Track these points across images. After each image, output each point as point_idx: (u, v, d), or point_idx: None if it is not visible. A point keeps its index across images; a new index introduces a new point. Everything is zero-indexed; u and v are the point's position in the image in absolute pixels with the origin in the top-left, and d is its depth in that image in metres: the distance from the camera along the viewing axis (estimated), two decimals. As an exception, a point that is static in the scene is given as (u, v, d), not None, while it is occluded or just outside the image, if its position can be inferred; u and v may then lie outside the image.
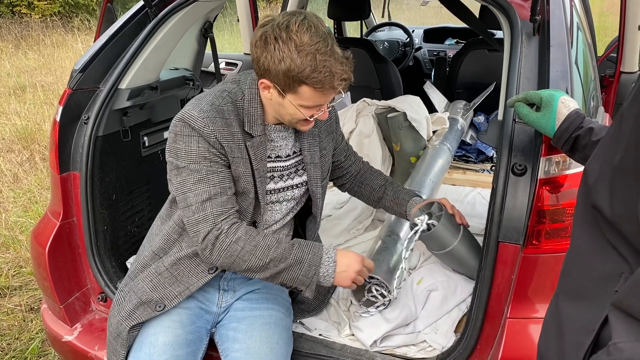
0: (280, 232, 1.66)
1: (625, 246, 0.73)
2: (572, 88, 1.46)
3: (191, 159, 1.38)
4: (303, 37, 1.27)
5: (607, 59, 3.26)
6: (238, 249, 1.38)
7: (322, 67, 1.28)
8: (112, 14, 2.91)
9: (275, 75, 1.31)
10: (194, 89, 2.47)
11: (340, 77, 1.32)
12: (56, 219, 1.89)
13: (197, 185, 1.38)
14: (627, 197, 0.70)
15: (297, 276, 1.40)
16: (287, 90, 1.34)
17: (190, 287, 1.50)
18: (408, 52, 4.44)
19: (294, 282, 1.41)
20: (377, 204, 1.83)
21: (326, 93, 1.35)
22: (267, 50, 1.29)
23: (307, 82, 1.30)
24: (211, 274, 1.50)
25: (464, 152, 3.13)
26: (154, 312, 1.47)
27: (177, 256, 1.50)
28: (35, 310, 2.80)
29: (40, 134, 5.42)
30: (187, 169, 1.39)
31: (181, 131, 1.39)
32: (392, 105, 2.64)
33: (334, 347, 1.63)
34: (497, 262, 1.42)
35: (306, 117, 1.40)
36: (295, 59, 1.27)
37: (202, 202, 1.38)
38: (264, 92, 1.40)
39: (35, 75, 7.99)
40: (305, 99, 1.35)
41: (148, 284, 1.50)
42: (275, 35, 1.28)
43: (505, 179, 1.41)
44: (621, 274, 0.71)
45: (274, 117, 1.48)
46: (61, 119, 1.88)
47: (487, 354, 1.44)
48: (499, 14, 1.68)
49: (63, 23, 11.52)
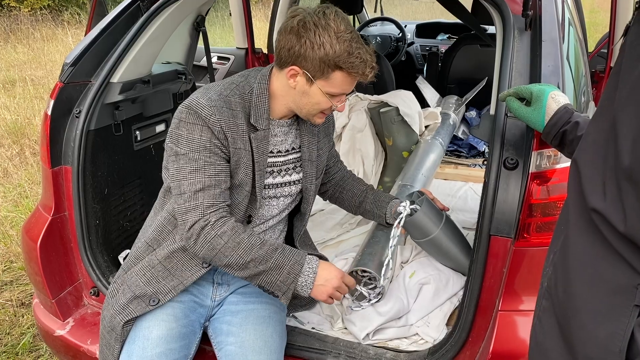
0: (276, 228, 1.66)
1: (639, 259, 0.68)
2: (564, 83, 1.47)
3: (192, 147, 1.39)
4: (340, 25, 1.36)
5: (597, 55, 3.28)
6: (221, 243, 1.38)
7: (357, 54, 1.36)
8: (103, 7, 2.88)
9: (311, 60, 1.36)
10: (186, 83, 2.46)
11: (370, 65, 1.41)
12: (48, 214, 1.88)
13: (193, 174, 1.39)
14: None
15: (275, 281, 1.40)
16: (318, 77, 1.39)
17: (184, 282, 1.50)
18: (400, 47, 4.44)
19: (271, 287, 1.41)
20: (357, 210, 1.85)
21: (354, 80, 1.43)
22: (306, 36, 1.35)
23: (343, 66, 1.37)
24: (205, 268, 1.50)
25: (456, 147, 3.15)
26: (148, 307, 1.47)
27: (171, 249, 1.50)
28: (27, 305, 2.79)
29: (30, 129, 5.37)
30: (185, 157, 1.40)
31: (186, 118, 1.40)
32: (384, 100, 2.65)
33: (326, 341, 1.64)
34: (489, 255, 1.43)
35: (330, 105, 1.45)
36: (334, 45, 1.34)
37: (195, 191, 1.39)
38: (290, 80, 1.43)
39: (25, 69, 7.91)
40: (334, 85, 1.41)
41: (142, 277, 1.50)
42: (315, 21, 1.35)
43: (497, 173, 1.42)
44: (637, 285, 0.68)
45: (283, 109, 1.51)
46: (52, 113, 1.87)
47: (478, 347, 1.46)
48: (491, 8, 1.69)
49: (53, 16, 11.40)
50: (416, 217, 1.71)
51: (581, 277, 0.76)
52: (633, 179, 0.66)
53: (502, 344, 1.39)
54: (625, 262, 0.69)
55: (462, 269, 1.81)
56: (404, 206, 1.73)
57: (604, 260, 0.72)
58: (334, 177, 1.84)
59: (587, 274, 0.75)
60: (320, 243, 2.20)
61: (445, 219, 1.75)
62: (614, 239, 0.70)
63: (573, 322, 0.76)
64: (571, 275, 0.78)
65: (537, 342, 0.85)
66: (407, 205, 1.73)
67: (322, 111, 1.48)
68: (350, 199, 1.84)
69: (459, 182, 2.76)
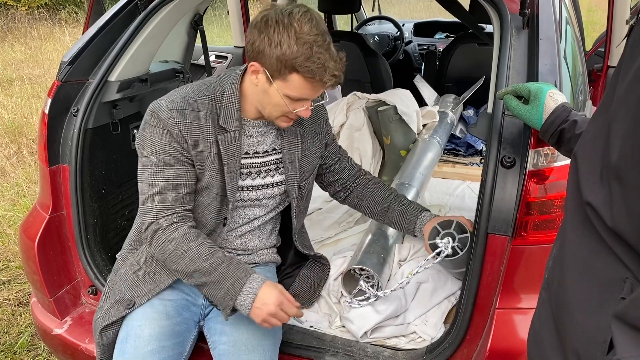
0: (264, 228, 1.67)
1: (627, 253, 0.69)
2: (561, 81, 1.47)
3: (153, 149, 1.41)
4: (304, 26, 1.29)
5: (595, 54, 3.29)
6: (170, 249, 1.39)
7: (316, 58, 1.30)
8: (100, 6, 2.88)
9: (269, 58, 1.32)
10: (184, 82, 2.45)
11: (331, 73, 1.33)
12: (45, 212, 1.88)
13: (152, 177, 1.42)
14: (630, 198, 0.66)
15: (216, 295, 1.37)
16: (276, 76, 1.34)
17: (160, 285, 1.51)
18: (398, 46, 4.45)
19: (213, 299, 1.40)
20: (383, 219, 1.77)
21: (314, 86, 1.35)
22: (266, 33, 1.30)
23: (299, 69, 1.31)
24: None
25: (454, 146, 3.15)
26: (125, 311, 1.49)
27: (149, 252, 1.51)
28: (25, 304, 2.78)
29: (27, 127, 5.36)
30: (147, 159, 1.42)
31: (149, 120, 1.42)
32: (382, 98, 2.65)
33: (324, 339, 1.64)
34: (486, 253, 1.44)
35: (289, 110, 1.39)
36: (292, 45, 1.29)
37: (152, 194, 1.41)
38: (252, 76, 1.39)
39: (22, 68, 7.89)
40: (292, 89, 1.35)
41: (124, 282, 1.53)
42: (277, 19, 1.30)
43: (495, 171, 1.42)
44: (625, 279, 0.68)
45: (254, 109, 1.48)
46: (50, 112, 1.86)
47: (476, 344, 1.46)
48: (488, 7, 1.69)
49: (50, 15, 11.37)
50: (459, 258, 1.59)
51: (574, 270, 0.78)
52: (619, 175, 0.67)
53: (500, 342, 1.40)
54: (616, 257, 0.70)
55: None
56: (444, 243, 1.61)
57: (596, 254, 0.73)
58: (340, 176, 1.77)
59: (580, 268, 0.77)
60: (318, 242, 2.20)
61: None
62: (605, 233, 0.71)
63: (564, 314, 0.78)
64: (565, 268, 0.80)
65: (535, 332, 0.87)
66: (450, 244, 1.61)
67: (285, 115, 1.42)
68: (372, 207, 1.77)
69: (456, 180, 2.76)
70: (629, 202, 0.66)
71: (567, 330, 0.77)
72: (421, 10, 12.32)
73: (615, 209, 0.69)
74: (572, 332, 0.76)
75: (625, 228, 0.67)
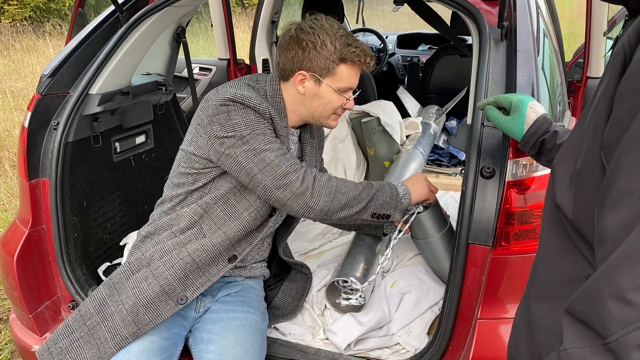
0: (264, 241, 1.69)
1: (588, 249, 0.74)
2: (538, 92, 1.49)
3: (254, 126, 1.42)
4: (333, 24, 1.47)
5: (575, 65, 3.34)
6: (334, 184, 1.46)
7: (355, 44, 1.47)
8: (83, 19, 2.87)
9: (316, 60, 1.45)
10: (166, 94, 2.45)
11: (369, 54, 1.50)
12: (25, 227, 1.85)
13: (271, 144, 1.43)
14: (587, 197, 0.72)
15: (385, 199, 1.50)
16: (324, 75, 1.47)
17: (162, 315, 1.48)
18: (382, 58, 4.48)
19: (384, 206, 1.50)
20: (351, 227, 1.89)
21: (357, 72, 1.50)
22: (307, 39, 1.44)
23: (346, 57, 1.45)
24: (181, 304, 1.48)
25: (437, 156, 3.17)
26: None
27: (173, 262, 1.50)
28: (4, 321, 2.73)
29: (9, 141, 5.30)
30: (253, 134, 1.41)
31: (234, 108, 1.42)
32: (366, 110, 2.67)
33: (308, 352, 1.63)
34: (467, 263, 1.44)
35: (341, 102, 1.51)
36: (333, 41, 1.44)
37: (283, 154, 1.43)
38: (299, 87, 1.48)
39: (5, 81, 7.80)
40: (341, 79, 1.48)
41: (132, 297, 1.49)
42: (310, 25, 1.45)
43: (474, 182, 1.43)
44: (588, 276, 0.71)
45: (297, 118, 1.56)
46: (30, 125, 1.85)
47: (459, 355, 1.46)
48: (468, 20, 1.71)
49: (34, 28, 11.28)
50: (424, 216, 1.72)
51: (546, 268, 0.85)
52: (580, 177, 0.75)
53: (482, 352, 1.40)
54: (581, 254, 0.76)
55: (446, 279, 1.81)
56: (415, 205, 1.71)
57: (566, 254, 0.80)
58: None
59: (551, 265, 0.83)
60: (302, 253, 2.20)
61: (448, 226, 1.77)
62: (570, 230, 0.78)
63: (535, 307, 0.85)
64: (538, 266, 0.87)
65: (515, 323, 0.92)
66: (420, 205, 1.71)
67: (335, 112, 1.54)
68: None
69: (440, 190, 2.76)
70: (586, 201, 0.73)
71: (536, 323, 0.84)
72: (405, 22, 12.43)
73: (576, 206, 0.76)
74: (539, 323, 0.83)
75: (584, 223, 0.74)
